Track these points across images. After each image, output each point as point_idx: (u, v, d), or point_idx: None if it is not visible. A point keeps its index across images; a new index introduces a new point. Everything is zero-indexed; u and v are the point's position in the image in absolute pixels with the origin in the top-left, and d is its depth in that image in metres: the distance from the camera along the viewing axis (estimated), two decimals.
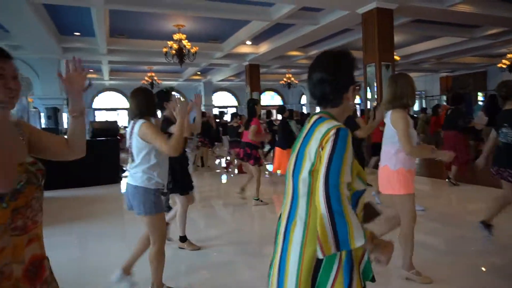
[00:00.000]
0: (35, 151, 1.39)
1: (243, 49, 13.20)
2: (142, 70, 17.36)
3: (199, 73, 19.24)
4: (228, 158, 10.91)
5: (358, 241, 1.26)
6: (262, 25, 9.66)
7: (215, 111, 21.11)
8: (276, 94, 25.64)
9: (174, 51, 10.13)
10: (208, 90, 21.77)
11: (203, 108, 21.27)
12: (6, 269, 1.16)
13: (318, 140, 1.34)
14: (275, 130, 9.10)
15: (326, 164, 1.30)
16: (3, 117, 1.21)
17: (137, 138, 2.65)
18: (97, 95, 21.62)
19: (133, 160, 2.71)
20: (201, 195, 6.72)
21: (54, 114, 11.25)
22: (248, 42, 12.64)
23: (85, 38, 10.82)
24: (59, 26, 9.91)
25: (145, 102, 2.77)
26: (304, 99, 25.38)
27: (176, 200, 3.84)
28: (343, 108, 1.48)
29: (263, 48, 12.90)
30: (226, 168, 9.61)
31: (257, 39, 12.36)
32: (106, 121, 10.21)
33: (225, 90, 24.11)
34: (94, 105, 21.75)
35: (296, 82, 19.66)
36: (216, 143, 11.94)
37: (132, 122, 2.75)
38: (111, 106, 21.87)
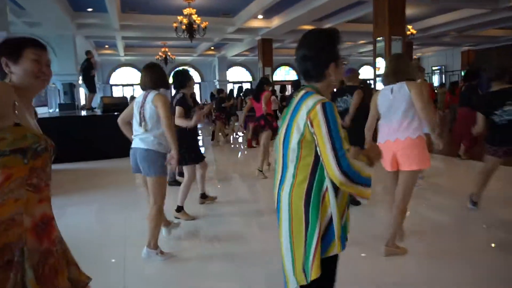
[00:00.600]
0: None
1: (255, 23, 13.06)
2: (156, 46, 17.44)
3: (212, 48, 19.17)
4: (239, 133, 11.03)
5: (367, 172, 1.46)
6: None
7: (230, 86, 21.24)
8: (291, 69, 25.35)
9: (184, 26, 10.15)
10: (222, 65, 21.73)
11: (217, 84, 21.46)
12: (18, 217, 1.33)
13: (305, 113, 1.46)
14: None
15: (329, 142, 1.41)
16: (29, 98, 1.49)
17: (151, 105, 2.93)
18: (113, 71, 21.90)
19: (145, 126, 2.94)
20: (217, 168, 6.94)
21: (70, 89, 11.52)
22: (260, 16, 12.50)
23: (98, 14, 10.93)
24: (72, 2, 10.05)
25: (160, 76, 3.09)
26: None
27: (184, 172, 4.10)
28: (326, 83, 1.58)
29: (275, 22, 12.73)
30: (248, 145, 9.29)
31: (269, 13, 12.20)
32: (116, 97, 10.44)
33: (239, 65, 24.00)
34: (111, 81, 22.08)
35: None
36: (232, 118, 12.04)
37: (144, 92, 3.04)
38: (127, 82, 22.17)
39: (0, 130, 1.28)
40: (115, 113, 8.19)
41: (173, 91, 4.22)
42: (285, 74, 25.61)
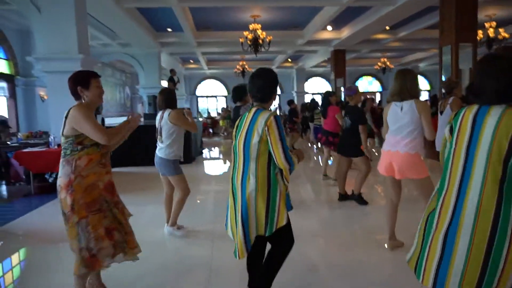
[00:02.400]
0: None
1: (325, 35, 13.01)
2: (234, 59, 18.41)
3: (289, 60, 19.48)
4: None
5: (296, 166, 2.22)
6: (334, 9, 9.46)
7: (308, 97, 21.28)
8: (374, 79, 24.33)
9: (249, 41, 10.64)
10: (300, 76, 21.89)
11: (295, 95, 21.68)
12: (96, 183, 2.37)
13: (263, 122, 2.13)
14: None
15: (280, 142, 2.12)
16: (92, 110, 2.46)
17: (167, 121, 3.63)
18: (199, 83, 23.68)
19: (160, 139, 3.69)
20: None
21: (153, 101, 12.88)
22: (329, 28, 12.41)
23: (176, 33, 12.09)
24: (153, 24, 11.32)
25: (170, 98, 3.77)
26: None
27: None
28: (269, 104, 2.33)
29: (345, 32, 12.50)
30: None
31: (338, 24, 12.07)
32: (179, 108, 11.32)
33: (319, 76, 23.87)
34: (197, 93, 23.89)
35: (392, 66, 18.37)
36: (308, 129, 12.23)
37: (161, 111, 3.76)
38: (211, 93, 23.75)
39: (80, 137, 2.32)
40: None
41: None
42: (368, 84, 24.68)
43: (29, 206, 5.17)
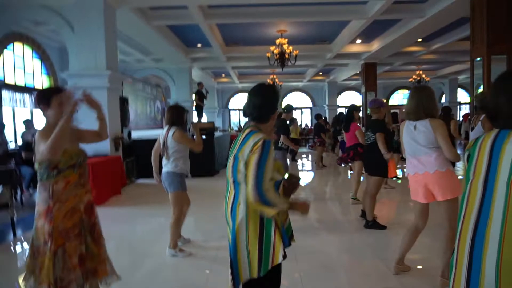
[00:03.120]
0: (81, 140, 2.47)
1: (354, 48, 12.86)
2: (265, 73, 18.57)
3: (321, 73, 19.37)
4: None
5: (282, 206, 1.89)
6: (361, 23, 9.34)
7: (341, 110, 20.97)
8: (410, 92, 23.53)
9: (276, 56, 10.71)
10: (332, 90, 21.65)
11: (326, 109, 21.45)
12: (77, 206, 2.25)
13: (251, 146, 1.86)
14: None
15: (255, 168, 1.81)
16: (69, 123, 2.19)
17: (171, 140, 3.63)
18: (232, 97, 24.06)
19: (166, 155, 3.68)
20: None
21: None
22: (359, 41, 12.25)
23: (206, 49, 12.43)
24: (184, 40, 11.71)
25: (176, 115, 3.71)
26: (444, 98, 22.56)
27: None
28: (269, 124, 2.03)
29: (375, 45, 12.29)
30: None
31: (368, 37, 11.90)
32: (204, 122, 11.53)
33: (351, 89, 23.49)
34: (230, 106, 24.27)
35: (428, 79, 17.73)
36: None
37: (167, 127, 3.74)
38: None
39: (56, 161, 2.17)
40: (203, 137, 9.15)
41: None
42: (403, 98, 23.95)
43: None
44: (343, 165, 6.93)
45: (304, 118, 24.31)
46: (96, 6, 6.60)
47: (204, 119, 14.28)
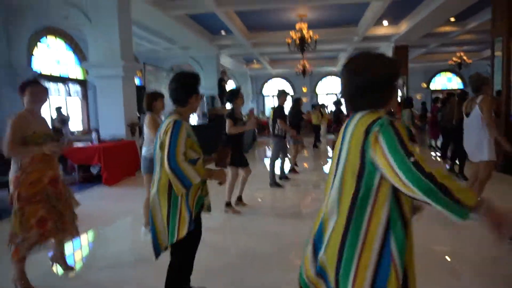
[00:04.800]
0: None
1: (382, 30, 12.39)
2: (296, 58, 18.34)
3: None
4: None
5: (194, 178, 2.10)
6: (381, 3, 8.99)
7: None
8: (454, 75, 22.15)
9: (297, 41, 10.64)
10: None
11: None
12: (40, 178, 2.71)
13: (164, 127, 2.17)
14: None
15: (168, 145, 2.08)
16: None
17: (145, 125, 3.91)
18: (265, 83, 24.12)
19: (142, 140, 4.06)
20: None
21: (211, 101, 13.64)
22: (385, 23, 11.78)
23: (229, 36, 12.60)
24: (207, 28, 11.97)
25: (146, 102, 3.88)
26: None
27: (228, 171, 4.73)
28: (189, 107, 2.31)
29: (404, 26, 11.73)
30: None
31: (395, 18, 11.42)
32: (219, 108, 11.73)
33: None
34: (264, 92, 24.37)
35: (469, 61, 16.58)
36: None
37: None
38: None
39: (27, 137, 2.64)
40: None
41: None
42: (446, 81, 22.59)
43: None
44: None
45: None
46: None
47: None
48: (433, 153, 9.89)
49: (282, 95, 6.41)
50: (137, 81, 11.77)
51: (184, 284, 2.35)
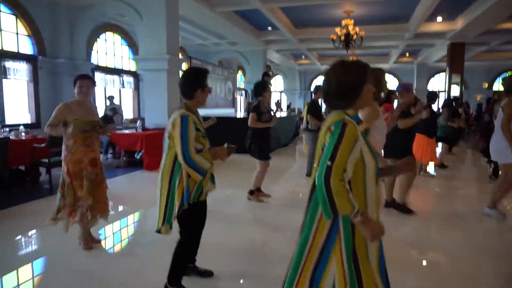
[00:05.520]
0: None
1: (436, 27, 11.80)
2: (345, 54, 18.00)
3: (407, 54, 18.04)
4: None
5: (206, 165, 2.34)
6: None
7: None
8: None
9: (343, 37, 10.51)
10: (422, 72, 19.99)
11: (415, 92, 19.92)
12: (82, 158, 3.18)
13: (173, 119, 2.33)
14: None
15: (180, 141, 2.26)
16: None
17: None
18: (315, 78, 23.92)
19: None
20: None
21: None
22: (439, 19, 11.19)
23: (276, 31, 12.72)
24: (254, 24, 12.19)
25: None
26: None
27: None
28: (195, 100, 2.43)
29: (460, 23, 11.07)
30: None
31: (450, 14, 10.85)
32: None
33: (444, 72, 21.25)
34: (312, 88, 24.19)
35: None
36: None
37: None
38: None
39: (70, 122, 3.12)
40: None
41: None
42: None
43: (114, 173, 6.65)
44: None
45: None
46: None
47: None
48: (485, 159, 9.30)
49: (318, 90, 6.47)
50: None
51: (188, 261, 2.59)
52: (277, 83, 23.87)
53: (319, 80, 23.76)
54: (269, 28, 12.56)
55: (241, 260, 3.19)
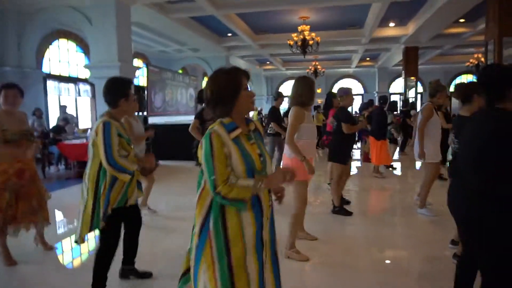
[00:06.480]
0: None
1: (390, 32, 12.25)
2: (309, 60, 18.35)
3: (368, 59, 18.59)
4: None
5: (132, 166, 2.45)
6: (379, 5, 8.94)
7: (393, 98, 20.01)
8: (475, 77, 21.36)
9: (299, 42, 10.69)
10: (383, 76, 20.63)
11: (376, 96, 20.53)
12: (7, 169, 3.05)
13: (94, 128, 2.42)
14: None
15: (103, 146, 2.34)
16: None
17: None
18: (281, 84, 24.19)
19: None
20: None
21: None
22: (392, 24, 11.63)
23: (235, 37, 12.78)
24: (214, 30, 12.20)
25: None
26: None
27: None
28: (120, 109, 2.55)
29: (411, 27, 11.54)
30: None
31: (402, 20, 11.26)
32: None
33: None
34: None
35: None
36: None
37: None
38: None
39: None
40: None
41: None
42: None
43: (62, 184, 6.45)
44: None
45: (356, 105, 23.51)
46: (109, 3, 7.36)
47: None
48: None
49: (279, 97, 6.58)
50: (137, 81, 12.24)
51: (107, 268, 2.55)
52: None
53: (287, 86, 24.07)
54: (229, 34, 12.61)
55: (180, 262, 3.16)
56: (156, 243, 3.72)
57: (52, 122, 9.17)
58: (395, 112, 8.67)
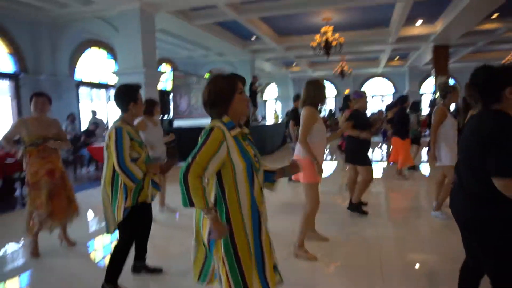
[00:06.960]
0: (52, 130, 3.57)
1: (417, 30, 11.92)
2: (336, 61, 18.15)
3: (397, 58, 18.13)
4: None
5: (139, 174, 2.58)
6: (402, 4, 8.74)
7: (425, 98, 19.42)
8: None
9: (323, 44, 10.64)
10: (413, 75, 19.99)
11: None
12: (38, 170, 3.39)
13: (108, 132, 2.58)
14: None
15: (115, 151, 2.51)
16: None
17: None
18: None
19: None
20: None
21: None
22: (419, 22, 11.32)
23: (259, 41, 12.90)
24: (238, 34, 12.38)
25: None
26: None
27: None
28: (130, 113, 2.69)
29: (439, 25, 11.17)
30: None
31: (429, 18, 10.96)
32: None
33: None
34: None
35: None
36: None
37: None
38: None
39: (23, 138, 3.35)
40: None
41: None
42: None
43: (90, 185, 6.80)
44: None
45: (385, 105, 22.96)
46: (134, 12, 7.69)
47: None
48: None
49: (297, 98, 6.59)
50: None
51: (122, 263, 2.68)
52: (271, 91, 24.09)
53: None
54: (253, 38, 12.75)
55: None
56: (170, 240, 3.89)
57: (84, 126, 9.66)
58: (417, 113, 8.43)
